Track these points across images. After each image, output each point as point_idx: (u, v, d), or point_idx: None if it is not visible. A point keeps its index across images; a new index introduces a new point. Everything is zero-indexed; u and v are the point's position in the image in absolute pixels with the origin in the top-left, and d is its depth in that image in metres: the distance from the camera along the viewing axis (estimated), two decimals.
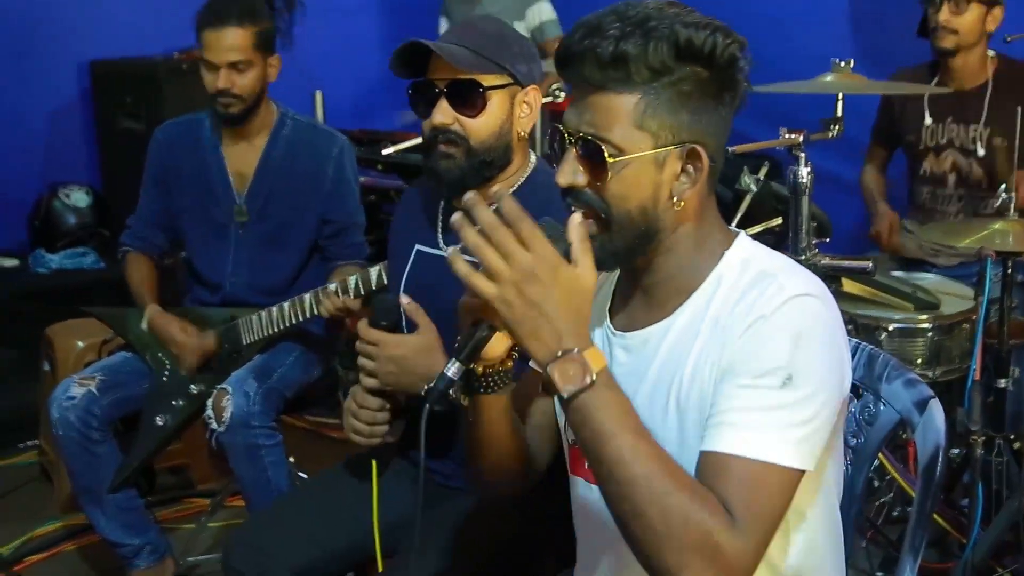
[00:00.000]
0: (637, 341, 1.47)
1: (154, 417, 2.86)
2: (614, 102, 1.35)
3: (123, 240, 3.07)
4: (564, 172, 1.39)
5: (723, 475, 1.29)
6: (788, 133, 2.71)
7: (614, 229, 1.39)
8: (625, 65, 1.32)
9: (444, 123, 1.95)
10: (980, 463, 2.67)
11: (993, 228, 2.77)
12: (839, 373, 1.38)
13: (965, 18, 3.31)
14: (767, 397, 1.30)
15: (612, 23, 1.33)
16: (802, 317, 1.33)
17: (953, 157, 3.47)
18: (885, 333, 2.91)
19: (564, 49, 1.37)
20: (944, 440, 1.59)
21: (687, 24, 1.32)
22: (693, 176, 1.39)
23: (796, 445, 1.30)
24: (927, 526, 1.61)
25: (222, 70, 2.78)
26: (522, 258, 1.25)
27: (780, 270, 1.39)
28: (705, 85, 1.36)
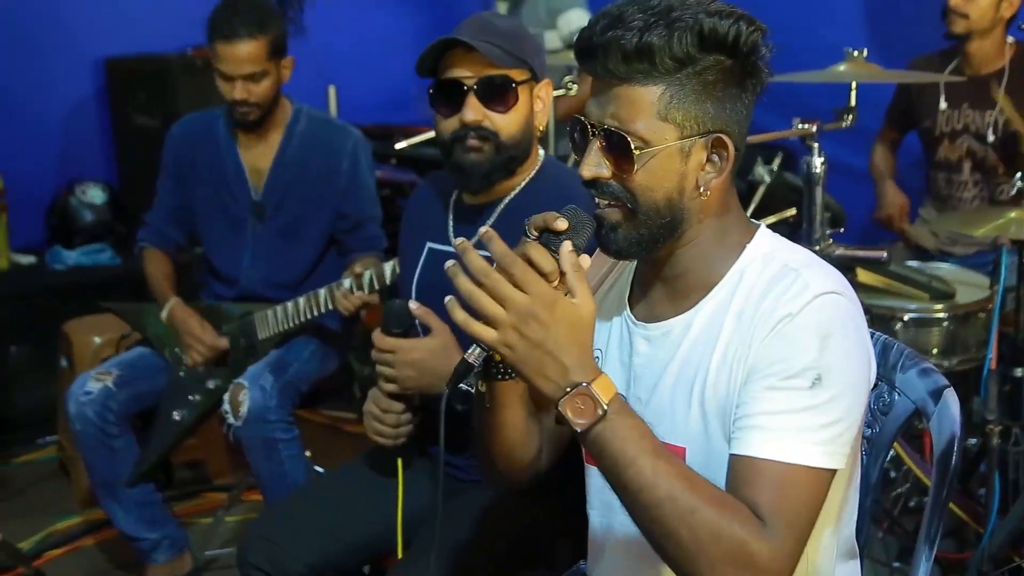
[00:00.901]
0: (658, 333, 1.46)
1: (171, 412, 2.88)
2: (639, 94, 1.34)
3: (140, 236, 3.09)
4: (588, 165, 1.38)
5: (754, 479, 1.30)
6: (801, 123, 2.70)
7: (639, 219, 1.38)
8: (650, 57, 1.32)
9: (476, 120, 1.95)
10: (997, 453, 2.66)
11: (1009, 217, 2.76)
12: (866, 369, 1.38)
13: (978, 3, 3.29)
14: (797, 399, 1.31)
15: (635, 14, 1.32)
16: (829, 316, 1.33)
17: (968, 143, 3.46)
18: (900, 323, 2.89)
19: (586, 41, 1.36)
20: (959, 429, 1.58)
21: (711, 13, 1.32)
22: (719, 165, 1.39)
23: (826, 445, 1.31)
24: (943, 516, 1.60)
25: (238, 82, 2.78)
26: (518, 300, 1.26)
27: (803, 265, 1.39)
28: (729, 73, 1.35)
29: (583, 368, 1.28)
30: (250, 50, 2.76)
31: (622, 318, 1.53)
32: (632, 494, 1.27)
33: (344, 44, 5.01)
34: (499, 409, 1.52)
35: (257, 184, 2.95)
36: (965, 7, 3.30)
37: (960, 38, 3.36)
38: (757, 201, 3.17)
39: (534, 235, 1.37)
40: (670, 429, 1.44)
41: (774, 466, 1.29)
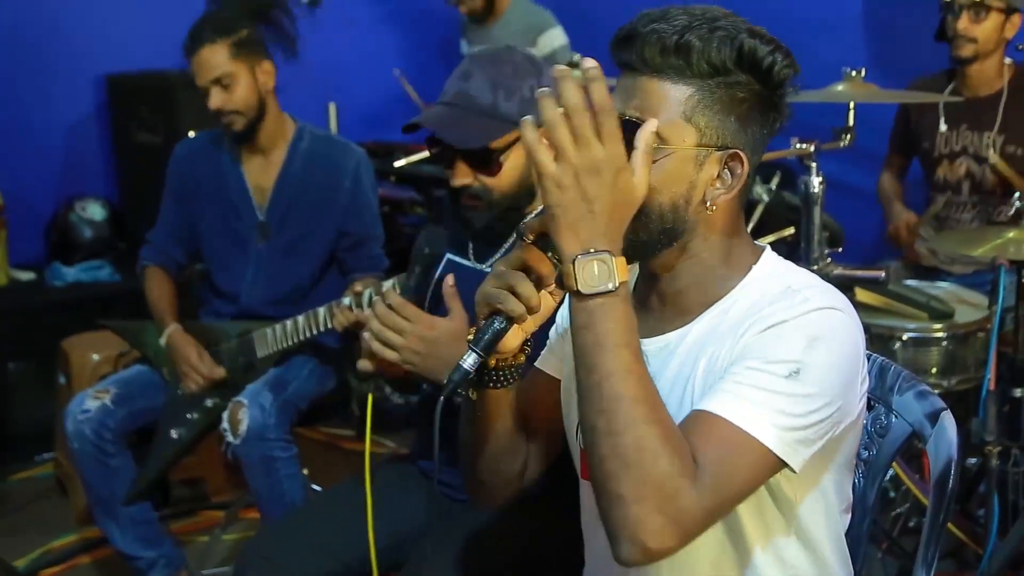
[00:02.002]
0: (656, 347, 1.45)
1: (169, 430, 2.88)
2: (668, 90, 1.34)
3: (142, 254, 3.10)
4: None
5: (705, 431, 1.28)
6: (799, 143, 2.71)
7: (640, 219, 1.35)
8: (687, 54, 1.32)
9: (464, 183, 1.96)
10: (996, 473, 2.66)
11: (1007, 237, 2.76)
12: (849, 386, 1.36)
13: (984, 26, 3.30)
14: (770, 381, 1.29)
15: (679, 15, 1.34)
16: (823, 323, 1.33)
17: (967, 164, 3.47)
18: (899, 343, 2.90)
19: (627, 30, 1.36)
20: (956, 452, 1.58)
21: (753, 34, 1.33)
22: (729, 183, 1.38)
23: (784, 432, 1.28)
24: (940, 538, 1.60)
25: (211, 89, 2.81)
26: (594, 149, 1.22)
27: (807, 286, 1.38)
28: (757, 98, 1.36)
29: (613, 240, 1.25)
30: (210, 54, 2.79)
31: None
32: (599, 379, 1.24)
33: (344, 62, 5.03)
34: (488, 419, 1.51)
35: (261, 202, 2.96)
36: (973, 31, 3.31)
37: (967, 61, 3.37)
38: (755, 220, 3.19)
39: (530, 239, 1.36)
40: None
41: (727, 426, 1.27)
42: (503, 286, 1.34)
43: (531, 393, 1.58)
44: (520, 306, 1.34)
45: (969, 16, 3.30)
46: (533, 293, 1.34)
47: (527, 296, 1.34)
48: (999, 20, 3.30)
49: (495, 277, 1.36)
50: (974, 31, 3.31)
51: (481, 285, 1.37)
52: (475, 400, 1.49)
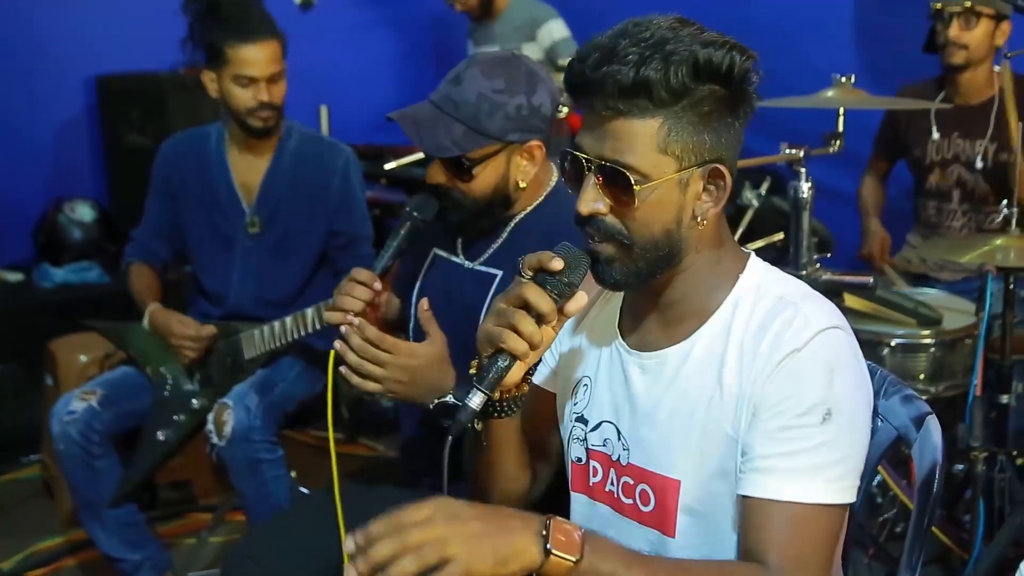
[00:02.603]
0: (654, 362, 1.46)
1: (155, 432, 2.87)
2: (637, 128, 1.33)
3: (127, 251, 3.09)
4: (586, 200, 1.37)
5: (766, 522, 1.30)
6: (789, 148, 2.71)
7: (636, 253, 1.38)
8: (647, 91, 1.31)
9: (438, 183, 2.00)
10: (982, 479, 2.67)
11: (995, 244, 2.77)
12: (868, 402, 1.40)
13: (975, 33, 3.31)
14: (808, 436, 1.31)
15: (628, 47, 1.30)
16: (832, 351, 1.34)
17: (959, 172, 3.47)
18: (888, 348, 2.90)
19: (579, 76, 1.34)
20: (941, 457, 1.59)
21: (704, 44, 1.31)
22: (715, 195, 1.39)
23: (840, 481, 1.31)
24: (924, 542, 1.61)
25: (263, 84, 2.78)
26: (440, 520, 1.17)
27: (800, 298, 1.39)
28: (723, 102, 1.35)
29: (529, 515, 1.23)
30: (273, 48, 2.78)
31: (613, 347, 1.52)
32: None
33: (336, 64, 5.03)
34: (495, 447, 1.52)
35: (248, 200, 2.95)
36: (964, 38, 3.31)
37: (959, 69, 3.38)
38: (745, 225, 3.19)
39: (528, 275, 1.37)
40: (665, 461, 1.43)
41: (787, 507, 1.29)
42: (505, 324, 1.34)
43: (531, 408, 1.58)
44: (523, 344, 1.34)
45: (960, 23, 3.30)
46: (535, 330, 1.35)
47: (529, 334, 1.34)
48: (989, 27, 3.31)
49: (496, 315, 1.36)
50: (965, 38, 3.32)
51: (482, 323, 1.38)
52: (481, 431, 1.50)
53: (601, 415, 1.52)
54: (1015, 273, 2.73)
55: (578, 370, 1.57)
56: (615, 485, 1.50)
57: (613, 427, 1.50)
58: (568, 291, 1.37)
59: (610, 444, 1.50)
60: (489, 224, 2.07)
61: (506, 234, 2.07)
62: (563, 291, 1.37)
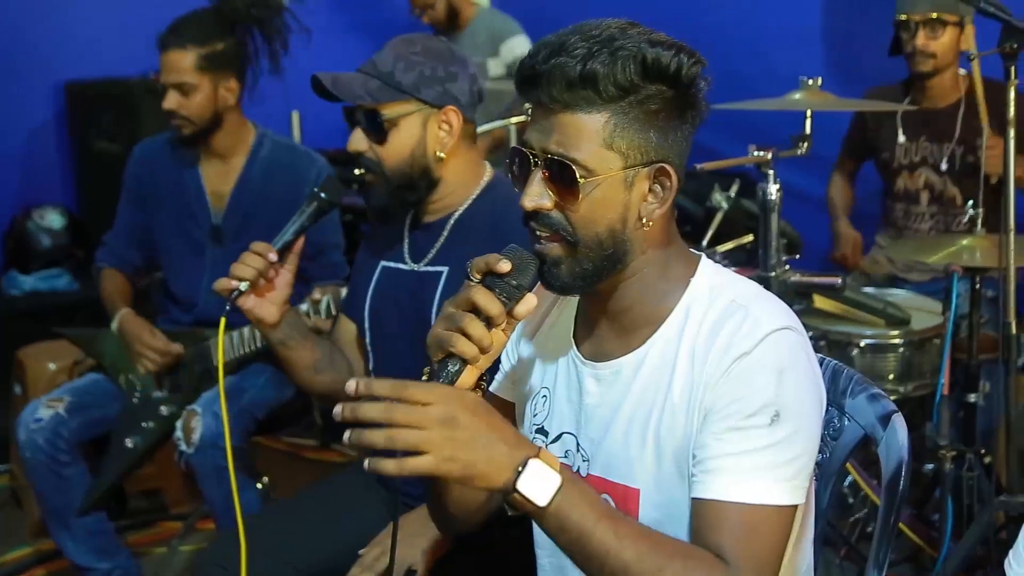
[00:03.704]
0: (608, 372, 1.45)
1: (124, 439, 2.84)
2: (583, 121, 1.33)
3: (98, 256, 3.07)
4: (530, 195, 1.36)
5: (720, 523, 1.29)
6: (757, 150, 2.71)
7: (581, 251, 1.37)
8: (594, 83, 1.31)
9: (358, 149, 2.01)
10: (950, 478, 2.67)
11: (961, 244, 2.79)
12: (819, 402, 1.39)
13: (941, 41, 3.33)
14: (757, 437, 1.31)
15: (578, 43, 1.31)
16: (782, 352, 1.34)
17: (926, 175, 3.49)
18: (857, 349, 2.92)
19: (528, 69, 1.35)
20: (907, 454, 1.59)
21: (653, 43, 1.32)
22: (661, 196, 1.38)
23: (789, 482, 1.31)
24: (891, 539, 1.61)
25: (168, 91, 2.79)
26: (433, 412, 1.19)
27: (750, 300, 1.38)
28: (671, 104, 1.35)
29: (522, 443, 1.25)
30: (178, 59, 2.78)
31: (569, 358, 1.51)
32: (599, 561, 1.24)
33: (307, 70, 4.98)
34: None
35: (218, 208, 2.93)
36: (931, 47, 3.34)
37: (927, 76, 3.40)
38: (715, 227, 3.19)
39: (477, 278, 1.36)
40: (624, 470, 1.43)
41: (739, 508, 1.29)
42: (454, 329, 1.33)
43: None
44: (473, 348, 1.33)
45: (926, 33, 3.33)
46: (485, 334, 1.34)
47: (479, 337, 1.33)
48: (955, 33, 3.33)
49: (445, 319, 1.35)
50: (932, 47, 3.34)
51: (432, 328, 1.36)
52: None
53: (561, 427, 1.51)
54: (981, 273, 2.74)
55: (536, 381, 1.56)
56: None
57: (573, 438, 1.50)
58: (517, 294, 1.37)
59: (571, 455, 1.50)
60: (410, 201, 2.05)
61: (447, 232, 2.08)
62: (512, 294, 1.36)
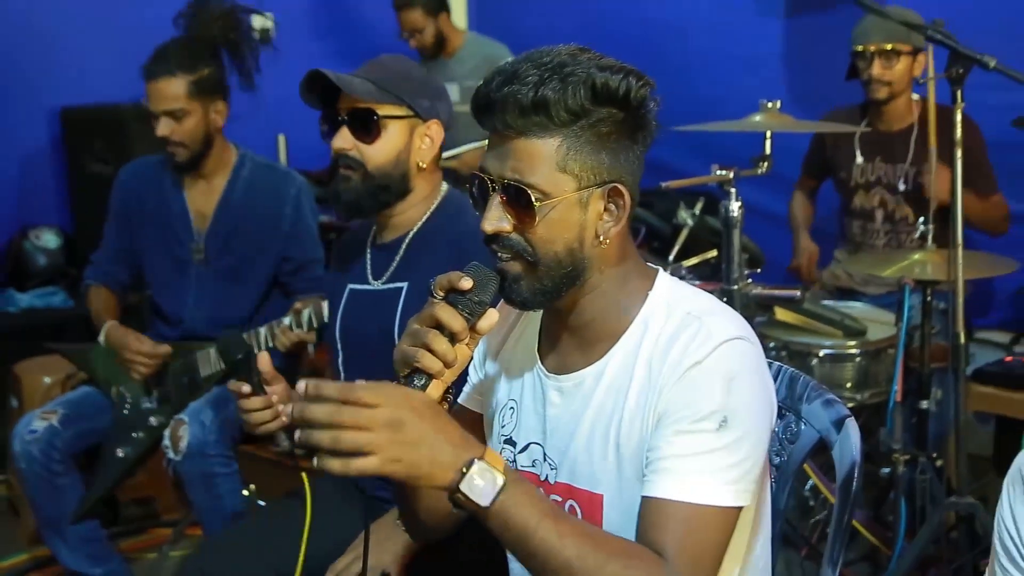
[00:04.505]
0: (571, 384, 1.45)
1: (115, 449, 2.83)
2: (536, 147, 1.34)
3: (86, 275, 3.06)
4: (490, 219, 1.36)
5: (663, 521, 1.29)
6: (720, 169, 2.73)
7: (541, 271, 1.37)
8: (546, 109, 1.31)
9: (343, 148, 2.00)
10: (904, 481, 2.68)
11: (913, 259, 2.80)
12: (768, 409, 1.39)
13: (896, 70, 3.36)
14: (705, 441, 1.30)
15: (529, 70, 1.32)
16: (733, 361, 1.34)
17: (881, 194, 3.52)
18: (816, 359, 2.93)
19: (483, 97, 1.35)
20: (860, 456, 1.59)
21: (602, 68, 1.33)
22: (616, 214, 1.38)
23: (733, 484, 1.31)
24: (845, 537, 1.62)
25: (161, 118, 2.78)
26: (380, 414, 1.17)
27: (705, 313, 1.38)
28: (621, 126, 1.36)
29: (468, 444, 1.23)
30: (170, 86, 2.76)
31: (534, 372, 1.51)
32: (541, 560, 1.23)
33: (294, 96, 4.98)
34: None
35: (201, 227, 2.92)
36: (887, 76, 3.36)
37: (884, 103, 3.43)
38: (681, 243, 3.20)
39: (440, 295, 1.36)
40: (588, 477, 1.42)
41: (683, 507, 1.29)
42: (419, 344, 1.33)
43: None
44: (437, 363, 1.33)
45: (882, 62, 3.35)
46: (448, 349, 1.34)
47: (443, 352, 1.33)
48: (908, 62, 3.36)
49: (410, 336, 1.35)
50: (888, 76, 3.36)
51: (398, 344, 1.36)
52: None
53: (528, 437, 1.51)
54: (932, 286, 2.76)
55: (503, 393, 1.56)
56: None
57: (540, 448, 1.49)
58: (479, 309, 1.37)
59: (538, 464, 1.49)
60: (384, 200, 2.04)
61: (404, 248, 2.08)
62: (474, 310, 1.36)
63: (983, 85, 2.46)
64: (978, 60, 2.30)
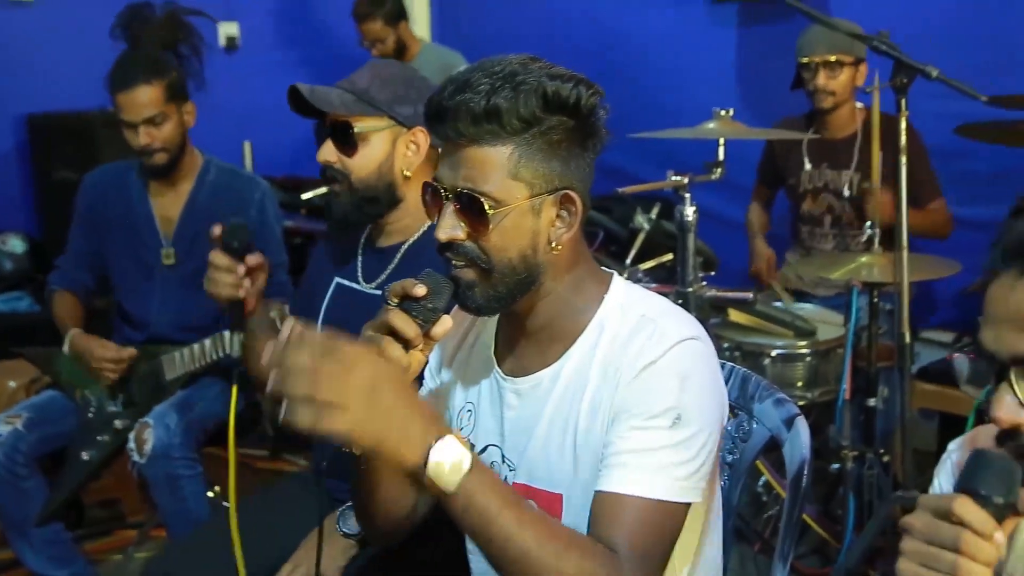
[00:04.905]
0: (528, 386, 1.45)
1: (80, 452, 2.78)
2: (489, 155, 1.33)
3: (51, 280, 3.01)
4: (444, 227, 1.35)
5: (616, 515, 1.29)
6: (675, 175, 2.74)
7: (496, 278, 1.36)
8: (498, 117, 1.31)
9: (327, 161, 1.97)
10: (852, 476, 2.70)
11: (860, 261, 2.83)
12: (720, 408, 1.39)
13: (840, 80, 3.40)
14: (658, 437, 1.30)
15: (481, 79, 1.31)
16: (686, 360, 1.34)
17: (829, 200, 3.55)
18: (768, 358, 2.94)
19: (436, 106, 1.34)
20: (809, 453, 1.60)
21: (552, 77, 1.32)
22: (568, 220, 1.38)
23: (684, 480, 1.31)
24: (796, 532, 1.62)
25: (140, 127, 2.73)
26: (358, 379, 1.14)
27: (659, 315, 1.39)
28: (572, 133, 1.35)
29: (438, 422, 1.21)
30: (148, 94, 2.72)
31: (492, 376, 1.50)
32: (499, 545, 1.22)
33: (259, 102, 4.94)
34: (375, 471, 1.46)
35: (167, 232, 2.88)
36: (831, 86, 3.39)
37: (828, 112, 3.46)
38: (637, 247, 3.20)
39: (394, 302, 1.35)
40: (547, 478, 1.42)
41: (634, 502, 1.29)
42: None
43: None
44: None
45: (826, 73, 3.39)
46: (403, 355, 1.33)
47: (397, 359, 1.32)
48: (851, 72, 3.40)
49: (363, 342, 1.33)
50: (832, 86, 3.40)
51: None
52: (359, 455, 1.44)
53: (486, 439, 1.50)
54: (879, 288, 2.79)
55: (460, 397, 1.55)
56: None
57: (498, 450, 1.49)
58: (433, 316, 1.36)
59: (496, 466, 1.49)
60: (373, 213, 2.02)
61: (399, 257, 2.04)
62: (428, 316, 1.35)
63: (926, 94, 2.48)
64: (921, 70, 2.32)
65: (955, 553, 1.02)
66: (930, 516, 1.04)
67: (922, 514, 1.05)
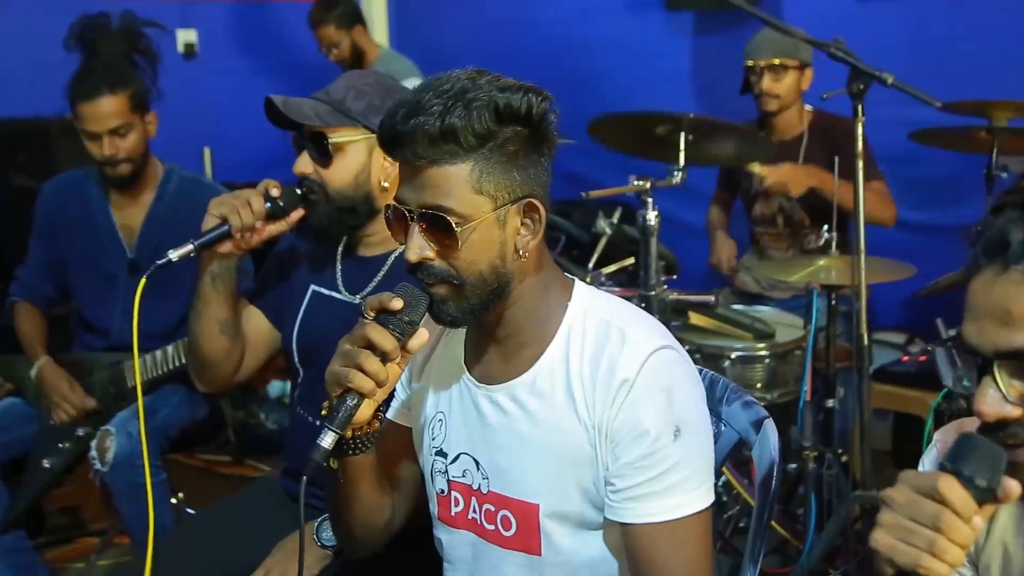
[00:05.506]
0: (501, 394, 1.43)
1: (41, 460, 2.72)
2: (450, 173, 1.31)
3: (12, 290, 2.93)
4: (413, 248, 1.33)
5: (657, 544, 1.31)
6: (637, 180, 2.72)
7: (468, 291, 1.35)
8: (454, 137, 1.29)
9: (303, 172, 1.93)
10: (813, 476, 2.70)
11: (819, 264, 2.84)
12: (704, 403, 1.41)
13: (784, 83, 3.41)
14: (668, 456, 1.31)
15: (432, 99, 1.29)
16: (663, 372, 1.34)
17: (779, 201, 3.55)
18: (728, 360, 2.93)
19: (390, 131, 1.32)
20: (778, 455, 1.59)
21: (502, 89, 1.31)
22: (532, 228, 1.37)
23: (700, 487, 1.33)
24: (765, 535, 1.61)
25: (104, 138, 2.66)
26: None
27: (625, 323, 1.38)
28: (527, 141, 1.34)
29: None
30: (112, 104, 2.65)
31: (461, 380, 1.48)
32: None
33: (218, 108, 4.88)
34: (352, 484, 1.45)
35: (129, 241, 2.82)
36: (776, 89, 3.41)
37: (773, 115, 3.47)
38: (600, 251, 3.18)
39: (371, 316, 1.33)
40: (522, 487, 1.40)
41: (668, 527, 1.31)
42: (351, 364, 1.31)
43: (387, 442, 1.53)
44: (370, 382, 1.31)
45: (771, 76, 3.40)
46: (380, 368, 1.31)
47: (375, 372, 1.31)
48: (796, 76, 3.42)
49: (342, 356, 1.32)
50: (777, 89, 3.41)
51: (329, 365, 1.33)
52: (337, 468, 1.44)
53: (459, 448, 1.48)
54: (836, 290, 2.79)
55: (431, 406, 1.53)
56: (477, 513, 1.47)
57: (471, 458, 1.47)
58: (410, 329, 1.35)
59: (469, 474, 1.47)
60: (350, 223, 1.96)
61: (386, 268, 1.98)
62: (405, 329, 1.34)
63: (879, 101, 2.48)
64: (877, 76, 2.32)
65: (934, 531, 1.00)
66: (912, 491, 1.02)
67: (904, 488, 1.03)
